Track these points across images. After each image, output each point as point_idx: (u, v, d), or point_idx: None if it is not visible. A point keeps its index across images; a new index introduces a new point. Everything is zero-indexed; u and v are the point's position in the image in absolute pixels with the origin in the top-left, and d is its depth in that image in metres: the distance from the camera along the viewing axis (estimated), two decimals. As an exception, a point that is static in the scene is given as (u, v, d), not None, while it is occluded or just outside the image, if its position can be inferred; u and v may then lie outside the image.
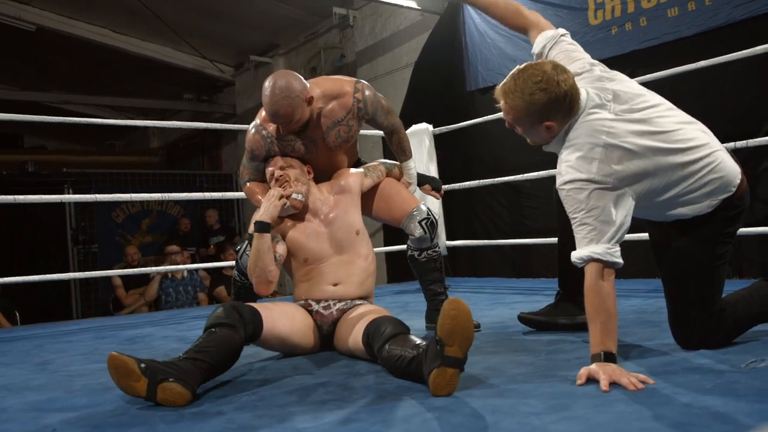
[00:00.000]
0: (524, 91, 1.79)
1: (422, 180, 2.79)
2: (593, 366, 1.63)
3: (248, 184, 2.57)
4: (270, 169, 2.40)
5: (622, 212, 1.76)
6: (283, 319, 2.13)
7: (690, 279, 1.87)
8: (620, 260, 1.74)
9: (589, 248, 1.74)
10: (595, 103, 1.83)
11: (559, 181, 1.82)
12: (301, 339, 2.19)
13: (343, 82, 2.44)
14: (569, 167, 1.79)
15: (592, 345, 1.69)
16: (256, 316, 1.98)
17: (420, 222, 2.50)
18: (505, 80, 1.87)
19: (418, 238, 2.52)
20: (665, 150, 1.78)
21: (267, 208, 2.23)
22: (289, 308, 2.22)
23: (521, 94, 1.80)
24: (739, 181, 1.83)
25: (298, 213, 2.35)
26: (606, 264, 1.73)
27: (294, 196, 2.29)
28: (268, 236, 2.21)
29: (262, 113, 2.42)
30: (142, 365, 1.64)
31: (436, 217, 2.58)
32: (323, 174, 2.49)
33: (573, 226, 1.80)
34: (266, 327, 2.01)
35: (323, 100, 2.39)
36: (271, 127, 2.41)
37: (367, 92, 2.44)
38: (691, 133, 1.82)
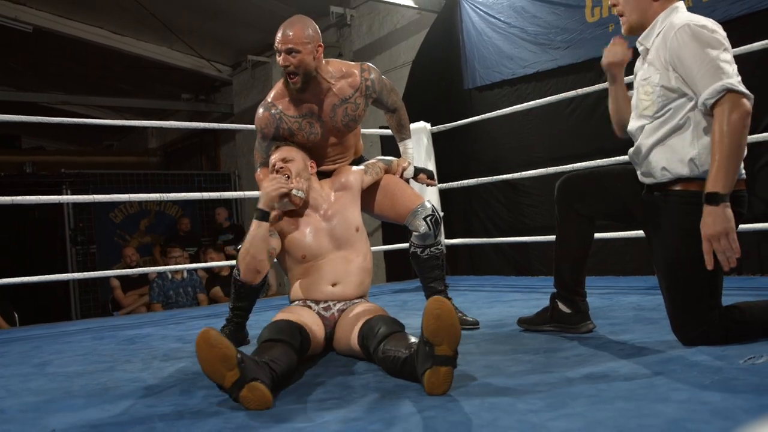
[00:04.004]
0: None
1: (415, 171, 2.80)
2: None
3: (258, 170, 2.57)
4: (272, 159, 2.39)
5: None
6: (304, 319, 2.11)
7: (685, 273, 1.87)
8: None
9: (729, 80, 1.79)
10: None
11: (689, 21, 1.89)
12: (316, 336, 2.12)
13: (350, 65, 2.53)
14: (703, 17, 1.90)
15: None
16: (304, 332, 1.98)
17: (425, 218, 2.51)
18: None
19: (422, 234, 2.52)
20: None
21: (264, 196, 2.22)
22: (292, 309, 2.22)
23: None
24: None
25: (298, 208, 2.34)
26: (743, 95, 1.79)
27: (294, 192, 2.27)
28: (265, 225, 2.21)
29: (272, 93, 2.48)
30: (239, 356, 1.58)
31: (441, 214, 2.59)
32: (328, 157, 2.52)
33: (707, 65, 1.82)
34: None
35: (333, 78, 2.43)
36: (281, 105, 2.44)
37: (373, 73, 2.53)
38: None
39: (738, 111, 1.77)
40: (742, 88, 1.78)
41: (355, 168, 2.51)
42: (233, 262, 2.66)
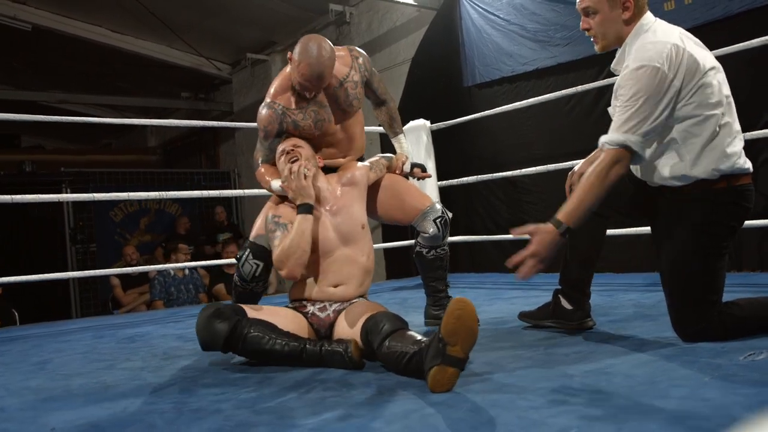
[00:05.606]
0: None
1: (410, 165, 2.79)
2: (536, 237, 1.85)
3: (260, 167, 2.52)
4: (281, 147, 2.36)
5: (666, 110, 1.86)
6: (268, 312, 2.15)
7: (688, 269, 1.88)
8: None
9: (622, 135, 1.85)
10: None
11: (642, 63, 1.88)
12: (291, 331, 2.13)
13: (338, 47, 2.51)
14: (644, 52, 1.89)
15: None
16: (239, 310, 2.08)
17: (434, 220, 2.49)
18: None
19: (432, 236, 2.50)
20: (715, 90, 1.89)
21: (299, 188, 2.19)
22: (278, 308, 2.23)
23: None
24: (723, 175, 1.90)
25: None
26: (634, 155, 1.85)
27: (305, 172, 2.24)
28: (310, 217, 2.19)
29: (271, 91, 2.44)
30: None
31: (450, 215, 2.56)
32: (338, 146, 2.50)
33: (626, 111, 1.86)
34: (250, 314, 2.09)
35: None
36: (283, 101, 2.40)
37: (361, 56, 2.54)
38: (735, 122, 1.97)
39: (620, 166, 1.86)
40: (638, 147, 1.84)
41: (360, 164, 2.49)
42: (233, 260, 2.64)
